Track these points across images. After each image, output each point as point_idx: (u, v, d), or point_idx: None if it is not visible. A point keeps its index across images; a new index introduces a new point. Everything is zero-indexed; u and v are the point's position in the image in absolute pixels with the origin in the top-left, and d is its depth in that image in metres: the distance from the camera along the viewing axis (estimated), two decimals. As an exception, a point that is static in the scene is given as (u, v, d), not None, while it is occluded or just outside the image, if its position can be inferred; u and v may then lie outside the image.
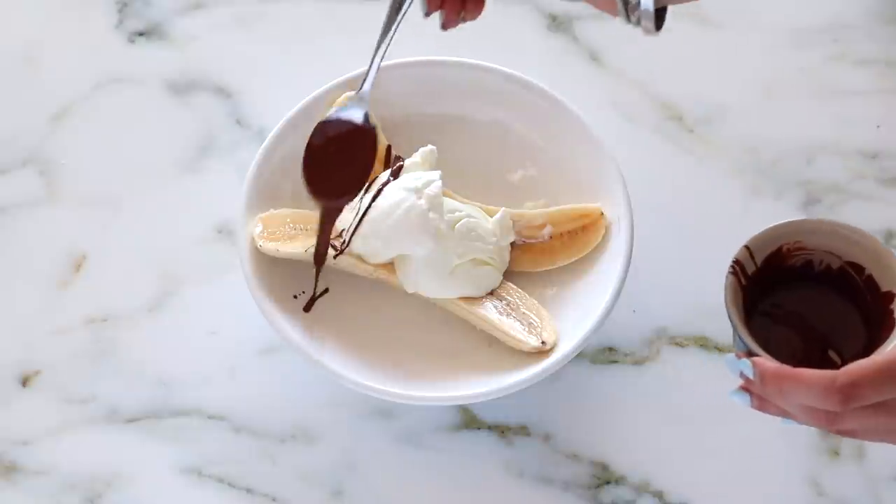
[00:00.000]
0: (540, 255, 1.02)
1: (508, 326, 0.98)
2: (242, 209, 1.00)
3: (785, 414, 0.79)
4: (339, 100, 1.02)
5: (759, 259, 0.83)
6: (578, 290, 1.00)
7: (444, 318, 1.00)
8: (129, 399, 1.00)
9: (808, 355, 0.80)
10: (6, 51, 1.14)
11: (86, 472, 0.98)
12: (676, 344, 1.02)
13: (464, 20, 0.93)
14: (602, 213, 1.01)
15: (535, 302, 1.00)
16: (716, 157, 1.09)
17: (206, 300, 1.04)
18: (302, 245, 0.99)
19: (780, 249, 0.83)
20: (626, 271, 0.97)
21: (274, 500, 0.97)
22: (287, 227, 1.00)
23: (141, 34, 1.15)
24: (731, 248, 1.05)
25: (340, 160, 0.97)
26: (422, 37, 0.98)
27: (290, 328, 0.97)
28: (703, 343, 1.02)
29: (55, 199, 1.08)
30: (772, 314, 0.84)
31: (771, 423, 0.98)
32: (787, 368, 0.76)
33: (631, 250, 0.98)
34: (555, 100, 1.04)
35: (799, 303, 0.84)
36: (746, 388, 0.80)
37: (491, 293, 1.00)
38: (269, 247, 0.99)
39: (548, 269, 1.02)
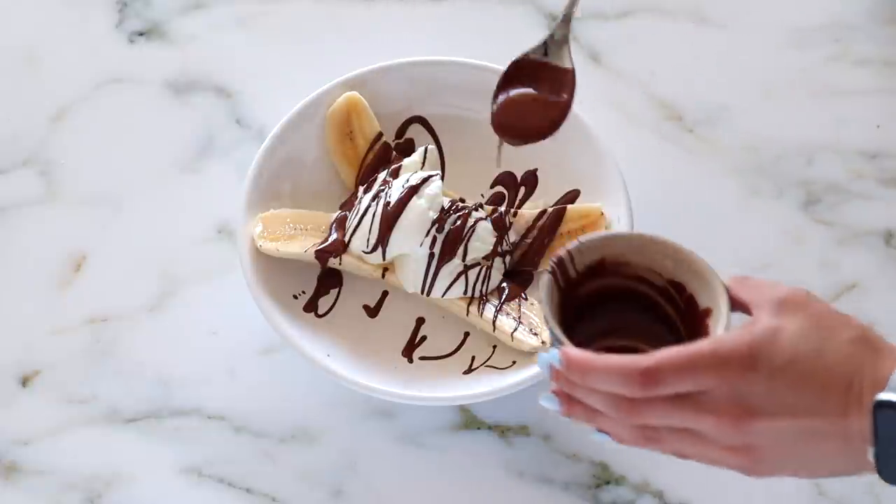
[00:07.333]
0: (540, 255, 1.02)
1: (508, 326, 0.98)
2: (242, 209, 1.00)
3: (591, 417, 0.77)
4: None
5: (580, 266, 0.80)
6: (578, 290, 1.00)
7: (444, 318, 1.00)
8: (129, 399, 1.00)
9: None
10: (6, 51, 1.14)
11: (86, 472, 0.98)
12: (676, 344, 1.02)
13: None
14: (602, 213, 1.01)
15: (536, 302, 1.00)
16: (716, 157, 1.09)
17: (206, 300, 1.04)
18: (302, 245, 0.99)
19: (602, 261, 0.81)
20: (626, 271, 0.97)
21: (274, 500, 0.97)
22: (287, 227, 1.00)
23: (141, 34, 1.15)
24: (732, 248, 1.05)
25: (534, 103, 0.97)
26: (422, 36, 0.98)
27: (290, 328, 0.97)
28: (703, 343, 1.02)
29: (55, 199, 1.08)
30: (587, 326, 0.81)
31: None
32: (591, 354, 0.75)
33: (631, 250, 0.98)
34: (555, 100, 1.04)
35: (616, 319, 0.82)
36: (556, 392, 0.78)
37: (491, 293, 1.00)
38: (269, 247, 0.99)
39: (548, 269, 1.02)
